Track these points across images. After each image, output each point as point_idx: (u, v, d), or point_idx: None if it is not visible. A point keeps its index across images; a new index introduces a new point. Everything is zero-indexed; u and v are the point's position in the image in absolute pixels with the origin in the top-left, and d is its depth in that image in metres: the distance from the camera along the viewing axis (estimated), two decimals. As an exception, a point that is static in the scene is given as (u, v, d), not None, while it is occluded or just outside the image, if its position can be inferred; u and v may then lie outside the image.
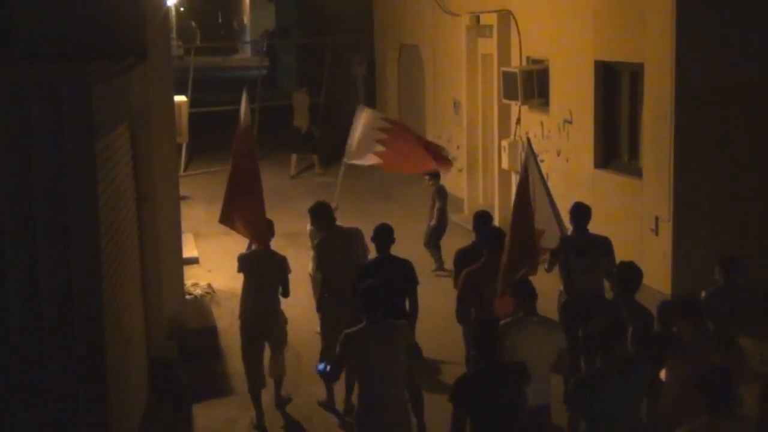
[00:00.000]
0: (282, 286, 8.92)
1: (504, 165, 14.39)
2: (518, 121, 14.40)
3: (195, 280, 12.37)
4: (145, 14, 8.95)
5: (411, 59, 20.04)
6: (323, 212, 9.26)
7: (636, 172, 11.56)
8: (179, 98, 16.86)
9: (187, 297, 11.32)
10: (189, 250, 13.04)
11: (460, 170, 16.79)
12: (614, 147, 12.32)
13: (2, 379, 6.16)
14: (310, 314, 10.08)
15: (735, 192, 10.83)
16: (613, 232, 11.27)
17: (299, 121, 20.37)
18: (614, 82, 12.23)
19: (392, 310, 7.38)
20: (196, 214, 16.39)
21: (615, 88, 12.23)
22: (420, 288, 8.59)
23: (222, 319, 11.05)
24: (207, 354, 10.16)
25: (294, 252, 11.23)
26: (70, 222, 6.09)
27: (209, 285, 12.36)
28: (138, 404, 8.03)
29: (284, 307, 9.15)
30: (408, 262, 8.60)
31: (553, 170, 13.43)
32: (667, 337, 7.07)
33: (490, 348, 6.27)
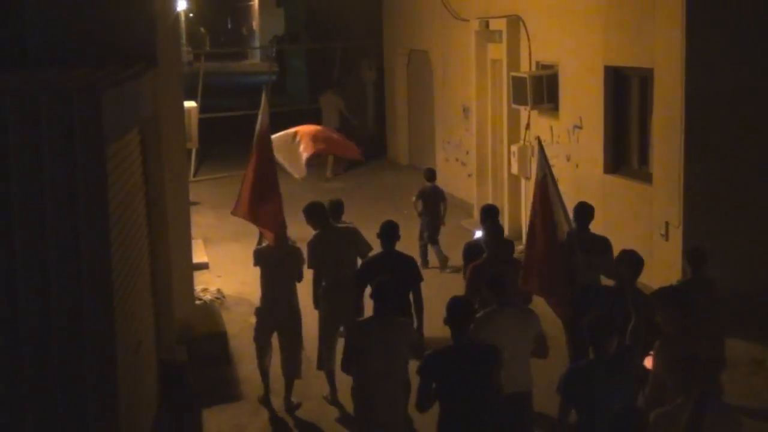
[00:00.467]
0: (297, 275, 9.30)
1: (513, 170, 14.38)
2: (528, 127, 14.39)
3: (205, 286, 12.39)
4: (156, 20, 8.97)
5: (420, 64, 20.04)
6: (316, 211, 9.43)
7: (646, 178, 11.54)
8: (189, 104, 16.91)
9: (197, 302, 11.34)
10: (199, 256, 13.06)
11: (470, 175, 16.78)
12: (624, 152, 12.31)
13: (12, 384, 6.18)
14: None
15: (745, 197, 10.82)
16: (623, 238, 11.28)
17: (328, 123, 20.53)
18: (624, 88, 12.22)
19: (395, 304, 7.61)
20: (206, 220, 16.41)
21: (625, 94, 12.22)
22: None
23: (232, 325, 11.07)
24: (217, 359, 10.21)
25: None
26: (81, 227, 6.11)
27: (219, 290, 12.38)
28: (148, 409, 8.03)
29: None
30: (412, 259, 8.91)
31: (563, 176, 13.40)
32: (651, 327, 7.23)
33: (462, 327, 6.49)
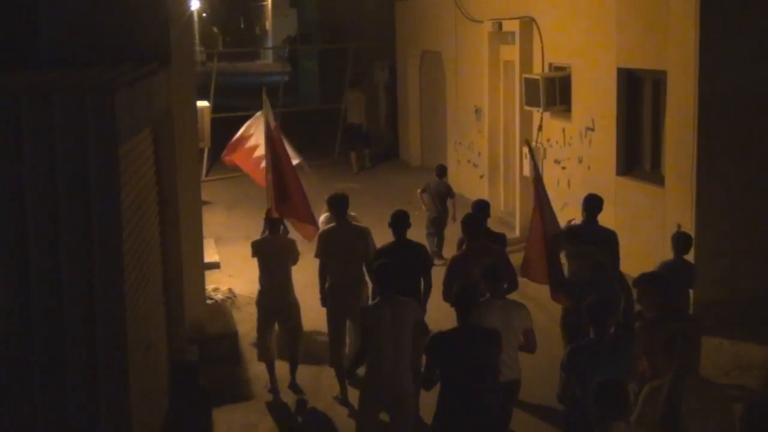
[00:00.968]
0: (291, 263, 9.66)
1: (525, 171, 14.37)
2: (540, 128, 14.37)
3: (216, 285, 12.41)
4: (169, 20, 8.99)
5: (433, 66, 20.03)
6: (339, 202, 9.42)
7: (658, 180, 11.51)
8: (201, 103, 16.93)
9: (209, 302, 11.36)
10: (210, 255, 13.09)
11: (482, 177, 16.78)
12: (637, 154, 12.28)
13: (24, 382, 6.20)
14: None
15: (758, 199, 10.77)
16: (636, 240, 11.26)
17: (354, 119, 20.95)
18: (637, 90, 12.19)
19: (408, 290, 8.03)
20: (218, 219, 16.43)
21: (638, 96, 12.19)
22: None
23: (243, 324, 11.08)
24: (228, 358, 10.23)
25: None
26: (93, 226, 6.12)
27: (230, 290, 12.39)
28: (159, 408, 8.04)
29: (305, 311, 9.52)
30: (422, 246, 9.30)
31: (575, 177, 13.39)
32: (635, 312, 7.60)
33: (467, 312, 6.86)
